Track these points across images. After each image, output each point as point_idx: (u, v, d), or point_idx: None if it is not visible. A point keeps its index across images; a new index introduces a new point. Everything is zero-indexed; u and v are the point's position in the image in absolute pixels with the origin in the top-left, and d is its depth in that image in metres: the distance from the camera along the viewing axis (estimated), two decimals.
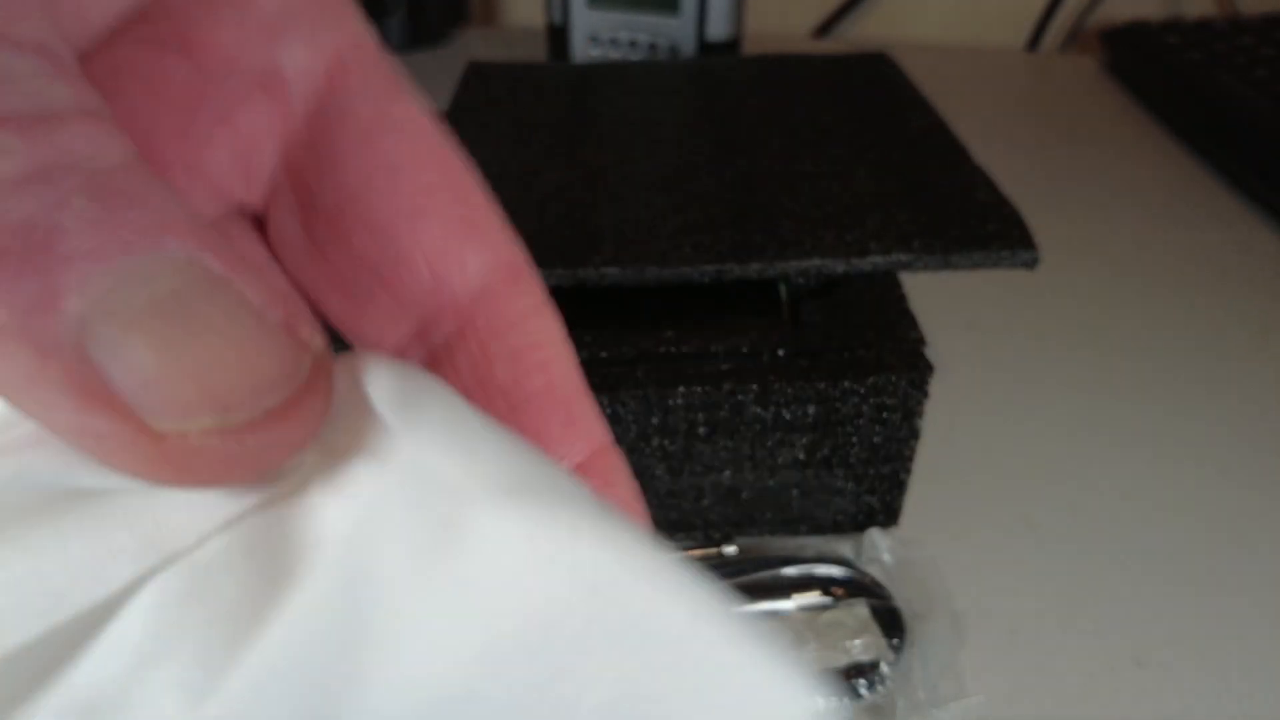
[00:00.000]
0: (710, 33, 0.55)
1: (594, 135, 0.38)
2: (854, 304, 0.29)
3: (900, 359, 0.26)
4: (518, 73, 0.44)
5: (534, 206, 0.32)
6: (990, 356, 0.39)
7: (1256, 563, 0.30)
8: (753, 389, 0.26)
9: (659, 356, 0.27)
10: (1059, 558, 0.30)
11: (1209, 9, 0.75)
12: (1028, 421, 0.36)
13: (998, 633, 0.28)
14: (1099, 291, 0.43)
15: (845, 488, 0.29)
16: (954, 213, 0.31)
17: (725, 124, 0.38)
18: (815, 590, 0.28)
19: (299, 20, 0.11)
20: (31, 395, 0.08)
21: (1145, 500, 0.32)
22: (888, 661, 0.26)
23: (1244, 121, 0.52)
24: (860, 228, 0.30)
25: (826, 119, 0.38)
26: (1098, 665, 0.27)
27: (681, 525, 0.30)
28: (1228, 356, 0.39)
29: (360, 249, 0.11)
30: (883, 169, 0.34)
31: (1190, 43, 0.62)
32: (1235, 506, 0.32)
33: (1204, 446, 0.34)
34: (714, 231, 0.31)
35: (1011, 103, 0.65)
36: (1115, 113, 0.63)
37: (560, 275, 0.29)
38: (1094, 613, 0.28)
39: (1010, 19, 0.76)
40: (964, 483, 0.33)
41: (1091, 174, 0.54)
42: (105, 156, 0.09)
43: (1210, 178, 0.54)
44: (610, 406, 0.26)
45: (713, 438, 0.27)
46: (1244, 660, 0.27)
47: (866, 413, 0.27)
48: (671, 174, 0.34)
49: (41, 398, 0.08)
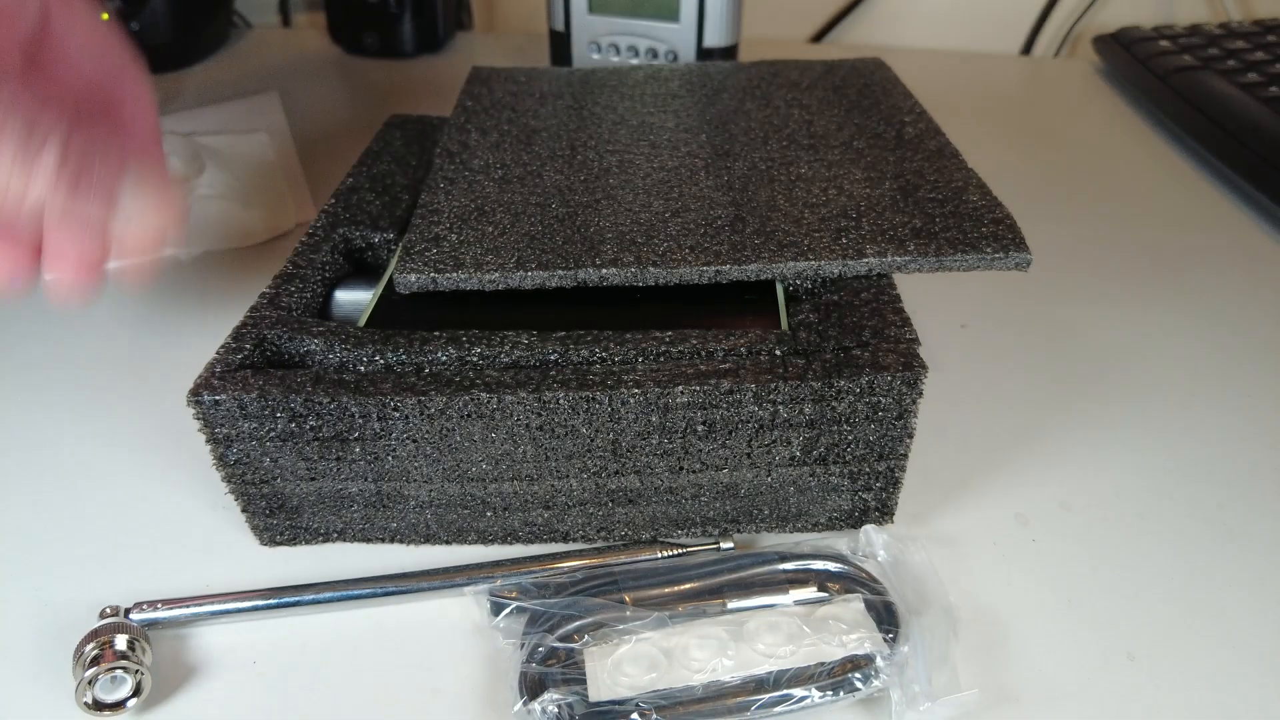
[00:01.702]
0: (709, 39, 0.55)
1: (594, 138, 0.38)
2: (849, 305, 0.29)
3: (895, 359, 0.27)
4: (519, 77, 0.44)
5: (536, 208, 0.33)
6: (983, 355, 0.40)
7: (1247, 558, 0.30)
8: (751, 388, 0.26)
9: (658, 356, 0.28)
10: (1051, 553, 0.30)
11: (1200, 14, 0.75)
12: (1020, 419, 0.36)
13: (991, 628, 0.28)
14: (1091, 291, 0.44)
15: (841, 485, 0.29)
16: (948, 215, 0.32)
17: (722, 127, 0.39)
18: (811, 585, 0.28)
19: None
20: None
21: (1136, 496, 0.33)
22: (883, 655, 0.26)
23: (1235, 124, 0.53)
24: (856, 230, 0.31)
25: (821, 123, 0.39)
26: (1090, 659, 0.27)
27: (680, 522, 0.30)
28: (1220, 355, 0.40)
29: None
30: (877, 172, 0.35)
31: (1182, 47, 0.63)
32: (1226, 502, 0.32)
33: (1194, 444, 0.35)
34: (712, 233, 0.31)
35: (1006, 106, 0.65)
36: (1108, 116, 0.64)
37: (562, 276, 0.29)
38: (1086, 607, 0.29)
39: (1005, 24, 0.77)
40: (957, 479, 0.33)
41: (1085, 177, 0.55)
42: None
43: (1201, 180, 0.55)
44: (610, 405, 0.26)
45: (711, 436, 0.27)
46: (1235, 654, 0.27)
47: (862, 411, 0.27)
48: (670, 177, 0.35)
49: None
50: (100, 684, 0.25)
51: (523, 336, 0.28)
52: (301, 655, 0.27)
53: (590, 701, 0.25)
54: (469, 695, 0.26)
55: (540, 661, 0.26)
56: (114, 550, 0.31)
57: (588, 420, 0.27)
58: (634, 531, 0.30)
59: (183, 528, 0.31)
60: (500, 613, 0.27)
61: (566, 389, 0.26)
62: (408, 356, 0.28)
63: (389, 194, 0.37)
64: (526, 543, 0.31)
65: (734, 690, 0.25)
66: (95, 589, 0.29)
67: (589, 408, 0.26)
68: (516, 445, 0.27)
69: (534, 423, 0.27)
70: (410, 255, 0.30)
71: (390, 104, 0.64)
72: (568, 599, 0.27)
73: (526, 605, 0.27)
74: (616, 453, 0.28)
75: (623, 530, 0.30)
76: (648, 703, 0.25)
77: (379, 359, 0.28)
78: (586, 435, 0.27)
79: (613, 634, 0.27)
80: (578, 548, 0.30)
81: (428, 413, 0.26)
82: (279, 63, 0.72)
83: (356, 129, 0.59)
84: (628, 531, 0.30)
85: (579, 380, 0.26)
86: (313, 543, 0.31)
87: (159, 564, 0.30)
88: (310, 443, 0.27)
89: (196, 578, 0.30)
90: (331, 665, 0.27)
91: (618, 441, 0.27)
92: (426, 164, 0.38)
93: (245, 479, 0.29)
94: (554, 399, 0.26)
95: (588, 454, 0.28)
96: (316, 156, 0.55)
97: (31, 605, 0.29)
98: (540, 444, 0.27)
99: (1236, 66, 0.58)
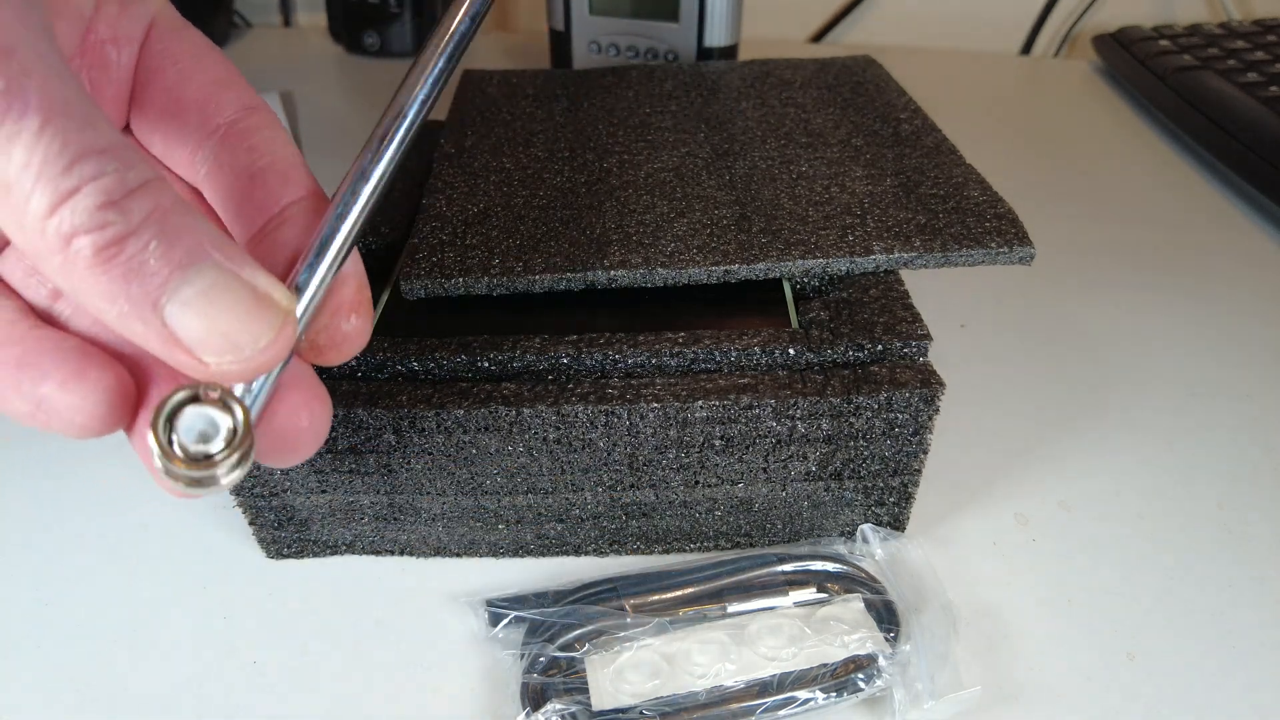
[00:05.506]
0: (709, 39, 0.55)
1: (592, 139, 0.38)
2: (859, 302, 0.29)
3: (913, 375, 0.27)
4: (512, 79, 0.44)
5: (539, 211, 0.33)
6: (982, 355, 0.40)
7: (1247, 557, 0.30)
8: (770, 403, 0.26)
9: (672, 357, 0.28)
10: (1051, 553, 0.31)
11: (1200, 14, 0.75)
12: (1019, 419, 0.36)
13: (991, 628, 0.28)
14: (1090, 291, 0.44)
15: (855, 500, 0.29)
16: (950, 211, 0.32)
17: (720, 127, 0.39)
18: (811, 586, 0.28)
19: (127, 5, 0.21)
20: (147, 345, 0.17)
21: (1136, 496, 0.33)
22: (885, 655, 0.26)
23: (1235, 124, 0.53)
24: (861, 227, 0.31)
25: (818, 121, 0.39)
26: (1090, 659, 0.27)
27: (693, 536, 0.30)
28: (1220, 355, 0.40)
29: (162, 105, 0.21)
30: (877, 169, 0.35)
31: (1182, 47, 0.63)
32: (1226, 502, 0.32)
33: (1194, 444, 0.35)
34: (719, 233, 0.31)
35: (1006, 106, 0.65)
36: (1107, 115, 0.64)
37: (571, 279, 0.29)
38: (1086, 607, 0.29)
39: (1004, 24, 0.77)
40: (957, 479, 0.33)
41: (1084, 177, 0.55)
42: (165, 194, 0.16)
43: (1201, 180, 0.55)
44: (629, 419, 0.26)
45: (728, 450, 0.27)
46: (1235, 654, 0.27)
47: (879, 427, 0.27)
48: (672, 177, 0.35)
49: (152, 346, 0.17)
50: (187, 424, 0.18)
51: (534, 340, 0.28)
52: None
53: (594, 710, 0.25)
54: (469, 707, 0.26)
55: (541, 671, 0.26)
56: (112, 557, 0.31)
57: (606, 434, 0.27)
58: (646, 545, 0.30)
59: (185, 540, 0.31)
60: (499, 623, 0.27)
61: (585, 402, 0.26)
62: (418, 364, 0.27)
63: (388, 198, 0.37)
64: (538, 556, 0.31)
65: (738, 695, 0.25)
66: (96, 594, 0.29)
67: (607, 421, 0.26)
68: (533, 458, 0.27)
69: (551, 436, 0.27)
70: (415, 261, 0.30)
71: None
72: (567, 607, 0.27)
73: (525, 615, 0.27)
74: (633, 466, 0.28)
75: (635, 544, 0.30)
76: (652, 709, 0.25)
77: (388, 367, 0.28)
78: (604, 449, 0.27)
79: (614, 641, 0.27)
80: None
81: (444, 425, 0.26)
82: (279, 62, 0.72)
83: (357, 129, 0.59)
84: (640, 545, 0.30)
85: (598, 394, 0.26)
86: (320, 555, 0.31)
87: (161, 574, 0.30)
88: (323, 455, 0.27)
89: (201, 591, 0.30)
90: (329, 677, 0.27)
91: (635, 455, 0.27)
92: (423, 167, 0.38)
93: (254, 491, 0.28)
94: (573, 412, 0.26)
95: (604, 467, 0.28)
96: (317, 156, 0.55)
97: (32, 616, 0.29)
98: (557, 457, 0.27)
99: (1236, 66, 0.58)
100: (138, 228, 0.16)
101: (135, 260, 0.16)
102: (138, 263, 0.16)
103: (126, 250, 0.16)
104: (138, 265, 0.16)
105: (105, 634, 0.28)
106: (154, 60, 0.21)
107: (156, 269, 0.16)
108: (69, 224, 0.15)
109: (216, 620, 0.28)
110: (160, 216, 0.16)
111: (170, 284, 0.16)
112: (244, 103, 0.21)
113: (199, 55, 0.22)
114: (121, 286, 0.16)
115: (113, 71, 0.21)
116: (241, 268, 0.17)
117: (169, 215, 0.16)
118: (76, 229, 0.15)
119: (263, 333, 0.17)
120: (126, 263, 0.16)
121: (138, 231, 0.16)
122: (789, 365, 0.28)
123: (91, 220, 0.15)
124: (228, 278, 0.17)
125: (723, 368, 0.28)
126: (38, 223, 0.15)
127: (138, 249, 0.16)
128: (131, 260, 0.16)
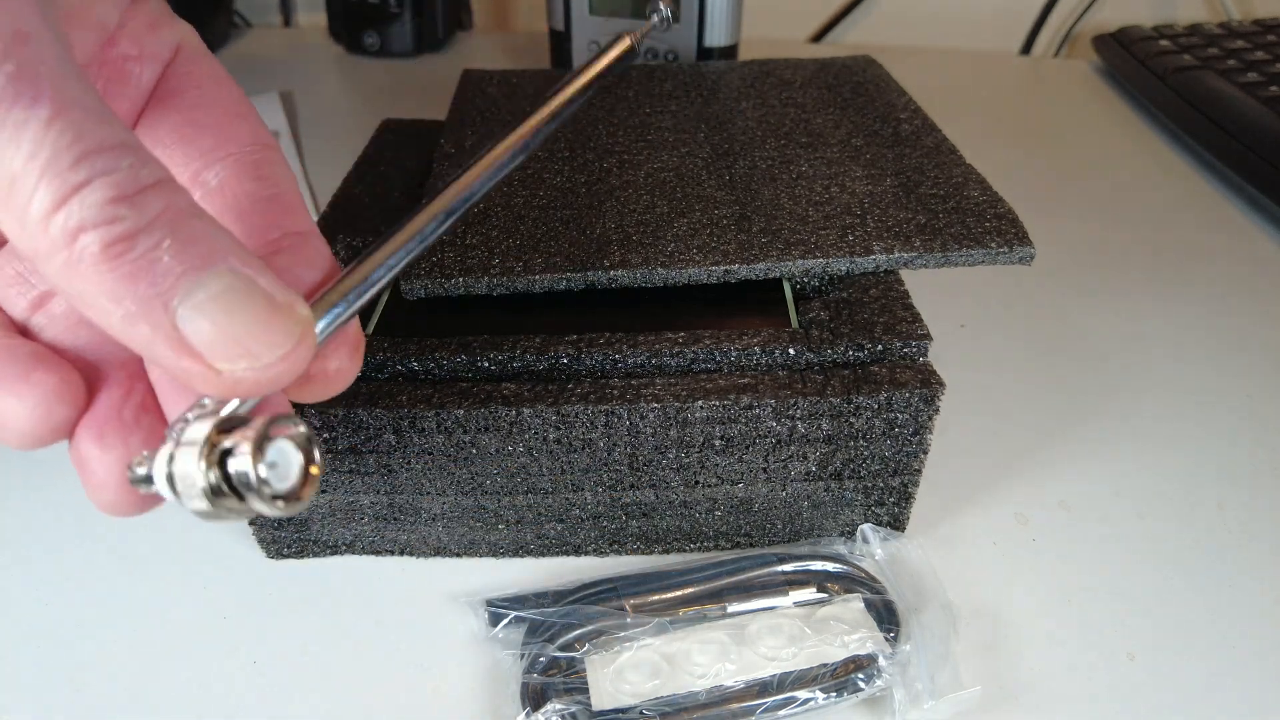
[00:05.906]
0: (710, 39, 0.55)
1: (592, 139, 0.38)
2: (859, 302, 0.29)
3: (913, 375, 0.27)
4: (511, 79, 0.44)
5: (540, 211, 0.33)
6: (982, 355, 0.40)
7: (1247, 558, 0.30)
8: (770, 403, 0.26)
9: (673, 357, 0.28)
10: (1051, 553, 0.31)
11: (1200, 14, 0.75)
12: (1019, 419, 0.36)
13: (991, 628, 0.28)
14: (1090, 291, 0.44)
15: (855, 500, 0.29)
16: (950, 211, 0.32)
17: (719, 127, 0.39)
18: (811, 586, 0.28)
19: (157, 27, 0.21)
20: (151, 350, 0.16)
21: (1136, 496, 0.33)
22: (885, 654, 0.26)
23: (1235, 124, 0.53)
24: (861, 227, 0.31)
25: (818, 121, 0.39)
26: (1090, 659, 0.27)
27: (693, 536, 0.30)
28: (1220, 355, 0.40)
29: (177, 123, 0.21)
30: (877, 169, 0.35)
31: (1182, 47, 0.63)
32: (1226, 502, 0.32)
33: (1194, 444, 0.35)
34: (719, 233, 0.31)
35: (1006, 105, 0.65)
36: (1107, 115, 0.64)
37: (571, 279, 0.29)
38: (1086, 607, 0.29)
39: (1004, 24, 0.77)
40: (957, 479, 0.33)
41: (1084, 176, 0.55)
42: (179, 194, 0.16)
43: (1201, 180, 0.55)
44: (629, 419, 0.26)
45: (728, 450, 0.27)
46: (1235, 654, 0.27)
47: (879, 427, 0.27)
48: (672, 177, 0.35)
49: (157, 352, 0.15)
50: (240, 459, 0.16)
51: (534, 340, 0.28)
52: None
53: (594, 710, 0.25)
54: (469, 707, 0.26)
55: (541, 671, 0.26)
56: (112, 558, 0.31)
57: (606, 434, 0.27)
58: (646, 545, 0.30)
59: (184, 540, 0.31)
60: (499, 623, 0.27)
61: (585, 402, 0.26)
62: (418, 364, 0.28)
63: (387, 199, 0.37)
64: (538, 556, 0.31)
65: (738, 695, 0.25)
66: (95, 596, 0.29)
67: (607, 421, 0.26)
68: (533, 458, 0.27)
69: (551, 435, 0.27)
70: (415, 261, 0.30)
71: (390, 104, 0.64)
72: (567, 607, 0.27)
73: (525, 615, 0.27)
74: (633, 466, 0.28)
75: (635, 544, 0.30)
76: (652, 710, 0.25)
77: (388, 367, 0.28)
78: (604, 449, 0.27)
79: (614, 641, 0.27)
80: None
81: (444, 425, 0.26)
82: (279, 62, 0.72)
83: (357, 129, 0.59)
84: (640, 545, 0.30)
85: (598, 394, 0.26)
86: (320, 555, 0.31)
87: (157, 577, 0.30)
88: (323, 455, 0.27)
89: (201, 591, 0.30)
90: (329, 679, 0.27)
91: (635, 455, 0.27)
92: (422, 168, 0.38)
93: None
94: (573, 412, 0.26)
95: (604, 467, 0.28)
96: (317, 156, 0.55)
97: (32, 617, 0.29)
98: (557, 457, 0.27)
99: (1236, 66, 0.58)
100: (150, 224, 0.15)
101: (147, 258, 0.15)
102: (149, 261, 0.15)
103: (138, 247, 0.15)
104: (149, 264, 0.15)
105: (105, 634, 0.28)
106: (176, 81, 0.21)
107: (169, 267, 0.15)
108: (76, 219, 0.14)
109: (216, 620, 0.28)
110: (174, 215, 0.15)
111: (183, 284, 0.15)
112: (259, 138, 0.21)
113: (220, 83, 0.21)
114: (129, 286, 0.15)
115: (130, 87, 0.21)
116: (260, 275, 0.16)
117: (183, 215, 0.15)
118: (84, 224, 0.14)
119: (282, 341, 0.16)
120: (136, 260, 0.15)
121: (150, 229, 0.15)
122: (789, 365, 0.28)
123: (100, 215, 0.14)
124: (246, 283, 0.16)
125: (723, 368, 0.28)
126: (41, 219, 0.14)
127: (149, 246, 0.15)
128: (142, 258, 0.15)
